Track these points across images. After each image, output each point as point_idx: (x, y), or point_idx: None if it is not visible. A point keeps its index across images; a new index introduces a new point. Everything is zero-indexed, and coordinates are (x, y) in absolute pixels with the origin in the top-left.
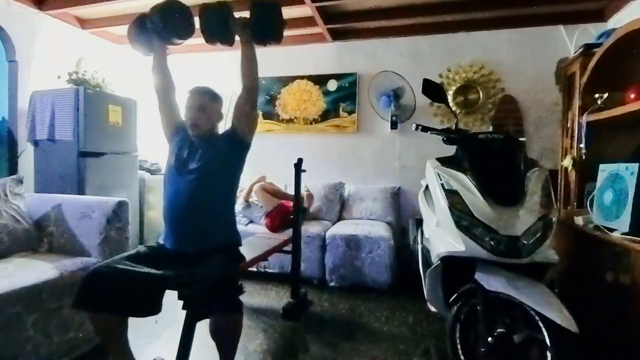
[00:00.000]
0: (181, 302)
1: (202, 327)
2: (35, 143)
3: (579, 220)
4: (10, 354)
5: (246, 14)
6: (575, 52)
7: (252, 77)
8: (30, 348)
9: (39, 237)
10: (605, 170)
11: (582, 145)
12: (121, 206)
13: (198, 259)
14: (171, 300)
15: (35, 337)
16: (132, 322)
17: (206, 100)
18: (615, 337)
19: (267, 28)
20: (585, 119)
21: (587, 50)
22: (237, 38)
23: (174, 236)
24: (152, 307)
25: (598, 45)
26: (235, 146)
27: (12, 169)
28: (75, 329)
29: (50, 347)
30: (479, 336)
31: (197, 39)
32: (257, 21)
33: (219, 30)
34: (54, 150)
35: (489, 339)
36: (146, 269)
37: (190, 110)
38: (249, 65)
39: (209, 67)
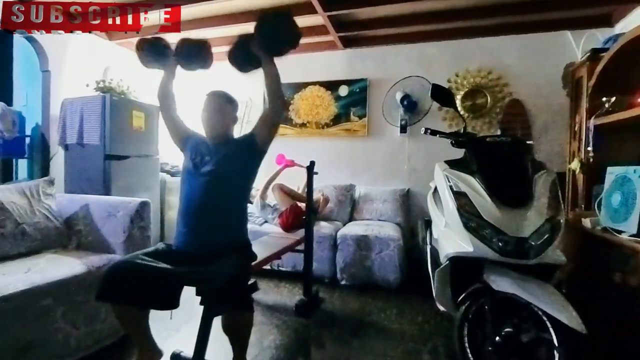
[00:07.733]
0: (199, 298)
1: (218, 322)
2: (66, 147)
3: (586, 222)
4: (43, 343)
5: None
6: (583, 57)
7: (277, 96)
8: (60, 338)
9: (68, 235)
10: (613, 172)
11: (589, 148)
12: (144, 206)
13: (210, 259)
14: (189, 296)
15: (64, 327)
16: (152, 316)
17: (222, 102)
18: (623, 338)
19: (273, 40)
20: (592, 122)
21: (594, 54)
22: None
23: (188, 236)
24: (170, 302)
25: (605, 50)
26: (252, 152)
27: (45, 171)
28: (101, 321)
29: (78, 337)
30: (486, 335)
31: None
32: (263, 36)
33: (249, 60)
34: (83, 154)
35: (497, 338)
36: (164, 265)
37: (206, 112)
38: (271, 82)
39: (224, 74)
